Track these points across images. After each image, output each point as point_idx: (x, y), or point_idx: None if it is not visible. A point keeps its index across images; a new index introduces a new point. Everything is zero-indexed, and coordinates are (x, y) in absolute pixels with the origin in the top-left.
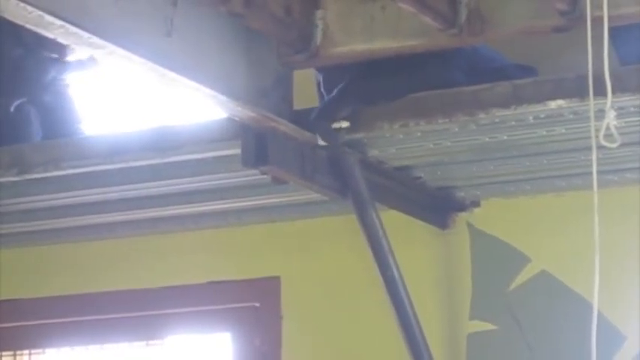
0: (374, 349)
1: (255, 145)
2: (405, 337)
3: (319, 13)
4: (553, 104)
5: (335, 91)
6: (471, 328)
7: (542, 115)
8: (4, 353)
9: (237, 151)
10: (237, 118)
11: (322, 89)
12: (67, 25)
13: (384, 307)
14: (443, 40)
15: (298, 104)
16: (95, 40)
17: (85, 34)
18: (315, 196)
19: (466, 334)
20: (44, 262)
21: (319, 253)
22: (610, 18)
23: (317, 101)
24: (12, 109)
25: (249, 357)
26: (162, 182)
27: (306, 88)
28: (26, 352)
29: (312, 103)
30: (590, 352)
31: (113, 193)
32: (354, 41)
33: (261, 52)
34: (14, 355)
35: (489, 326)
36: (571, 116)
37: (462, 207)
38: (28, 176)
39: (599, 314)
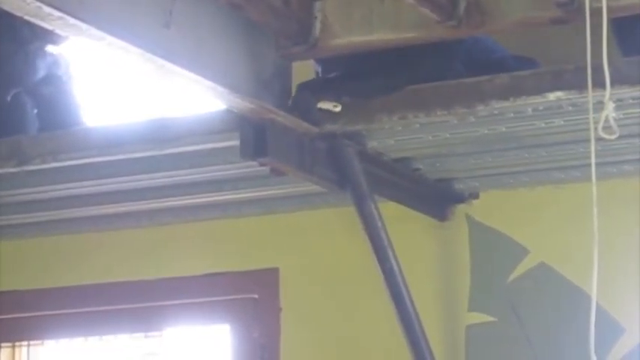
0: (373, 341)
1: (254, 137)
2: (404, 329)
3: (318, 5)
4: (552, 96)
5: (331, 75)
6: (469, 320)
7: (541, 107)
8: (3, 344)
9: (236, 142)
10: (235, 110)
11: (320, 70)
12: (66, 17)
13: (383, 299)
14: (442, 31)
15: None
16: (94, 31)
17: (84, 26)
18: (314, 187)
19: (465, 326)
20: (43, 254)
21: (318, 244)
22: (609, 9)
23: None
24: (8, 98)
25: (248, 349)
26: (161, 174)
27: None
28: (25, 343)
29: None
30: (589, 343)
31: (111, 184)
32: (352, 33)
33: (260, 43)
34: (13, 347)
35: (488, 318)
36: (570, 108)
37: (460, 199)
38: (26, 168)
39: (598, 306)
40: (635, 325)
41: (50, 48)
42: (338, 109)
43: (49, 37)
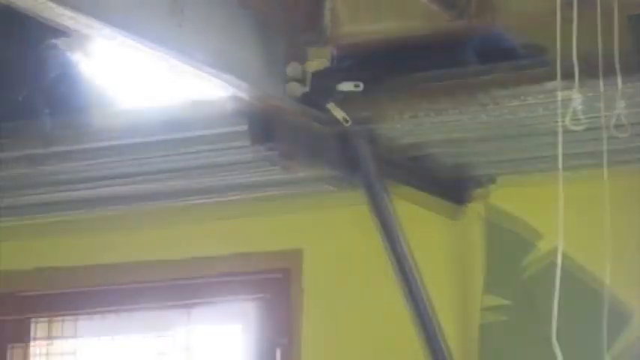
0: (392, 323)
1: (263, 123)
2: (414, 312)
3: None
4: (550, 85)
5: (343, 67)
6: (485, 302)
7: (541, 96)
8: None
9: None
10: (247, 98)
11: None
12: (79, 16)
13: None
14: (447, 22)
15: None
16: (107, 30)
17: (97, 24)
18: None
19: (480, 308)
20: (75, 231)
21: (342, 227)
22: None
23: None
24: (20, 98)
25: (272, 327)
26: (182, 157)
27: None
28: (55, 318)
29: None
30: (601, 327)
31: (130, 167)
32: (360, 22)
33: (271, 34)
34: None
35: (503, 301)
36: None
37: (477, 184)
38: (51, 149)
39: (609, 290)
40: None
41: (62, 46)
42: (360, 88)
43: (61, 36)
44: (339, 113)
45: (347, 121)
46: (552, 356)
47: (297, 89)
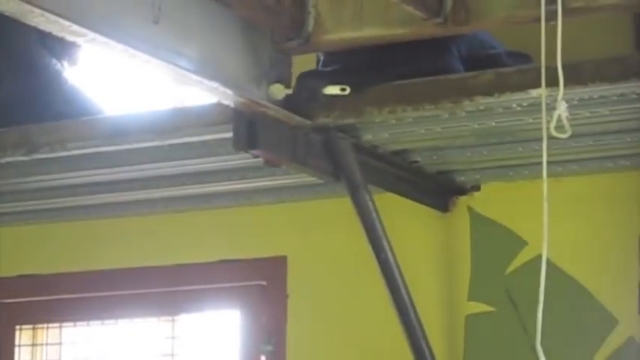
0: (378, 328)
1: (246, 129)
2: (400, 317)
3: (311, 1)
4: (535, 92)
5: (330, 68)
6: (469, 309)
7: (525, 104)
8: (23, 327)
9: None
10: (227, 103)
11: (320, 66)
12: (47, 14)
13: None
14: (429, 29)
15: None
16: (75, 28)
17: (66, 23)
18: None
19: (464, 315)
20: (59, 239)
21: (326, 233)
22: (589, 9)
23: None
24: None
25: (256, 333)
26: (170, 163)
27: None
28: (44, 326)
29: None
30: (587, 333)
31: (120, 173)
32: (344, 29)
33: (254, 37)
34: (34, 329)
35: (487, 308)
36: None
37: (462, 191)
38: (35, 156)
39: (592, 298)
40: (629, 318)
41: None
42: (346, 92)
43: (49, 41)
44: (334, 90)
45: (344, 90)
46: None
47: (281, 92)
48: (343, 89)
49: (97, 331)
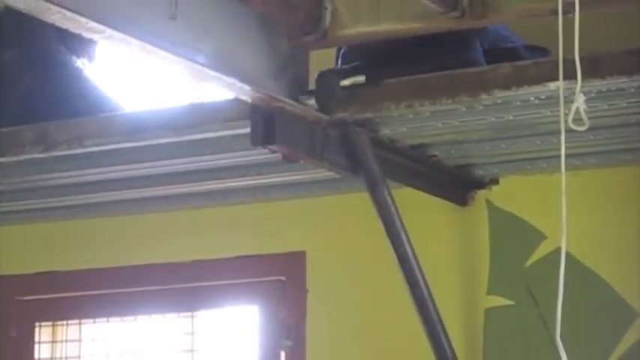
0: (397, 323)
1: (264, 125)
2: (419, 313)
3: None
4: (552, 85)
5: (349, 67)
6: (488, 303)
7: (543, 97)
8: (43, 324)
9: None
10: (245, 99)
11: (341, 61)
12: (64, 11)
13: None
14: (446, 22)
15: None
16: (93, 24)
17: (83, 20)
18: None
19: (484, 309)
20: (77, 236)
21: (345, 228)
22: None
23: None
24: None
25: (276, 329)
26: (187, 159)
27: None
28: (63, 323)
29: None
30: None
31: (138, 170)
32: (360, 23)
33: (271, 33)
34: (53, 326)
35: (506, 301)
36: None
37: (480, 184)
38: (53, 153)
39: (613, 291)
40: None
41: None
42: (362, 79)
43: (67, 38)
44: (351, 80)
45: (359, 79)
46: (557, 354)
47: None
48: (358, 79)
49: (117, 327)
